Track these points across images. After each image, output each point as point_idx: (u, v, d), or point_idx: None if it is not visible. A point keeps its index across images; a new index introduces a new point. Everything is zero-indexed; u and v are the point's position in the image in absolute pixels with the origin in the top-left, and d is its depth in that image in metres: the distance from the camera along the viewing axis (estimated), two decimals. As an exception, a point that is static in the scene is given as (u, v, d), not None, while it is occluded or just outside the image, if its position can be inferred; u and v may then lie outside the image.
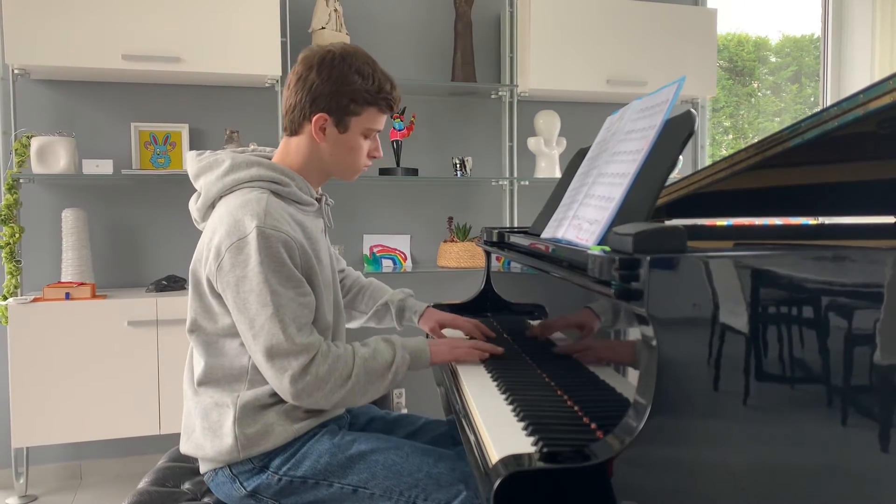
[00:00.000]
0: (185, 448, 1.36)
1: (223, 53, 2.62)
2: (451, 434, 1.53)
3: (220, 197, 1.35)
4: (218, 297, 1.29)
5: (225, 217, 1.27)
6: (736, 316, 0.87)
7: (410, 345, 1.35)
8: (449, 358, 1.40)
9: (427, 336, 1.64)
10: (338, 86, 1.34)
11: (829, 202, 1.61)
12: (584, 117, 3.38)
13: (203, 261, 1.30)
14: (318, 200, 1.46)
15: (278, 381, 1.24)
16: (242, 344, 1.30)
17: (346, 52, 1.37)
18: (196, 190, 1.41)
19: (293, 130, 1.40)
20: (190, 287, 1.35)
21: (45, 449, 2.75)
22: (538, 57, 3.00)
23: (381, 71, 1.39)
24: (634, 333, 0.90)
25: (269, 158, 1.41)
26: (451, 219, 3.14)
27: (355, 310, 1.70)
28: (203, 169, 1.38)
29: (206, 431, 1.31)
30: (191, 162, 1.41)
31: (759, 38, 3.99)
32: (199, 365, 1.35)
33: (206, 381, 1.34)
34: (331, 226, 1.52)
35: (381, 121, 1.42)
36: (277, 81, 2.80)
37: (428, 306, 1.66)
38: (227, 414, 1.29)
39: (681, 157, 1.12)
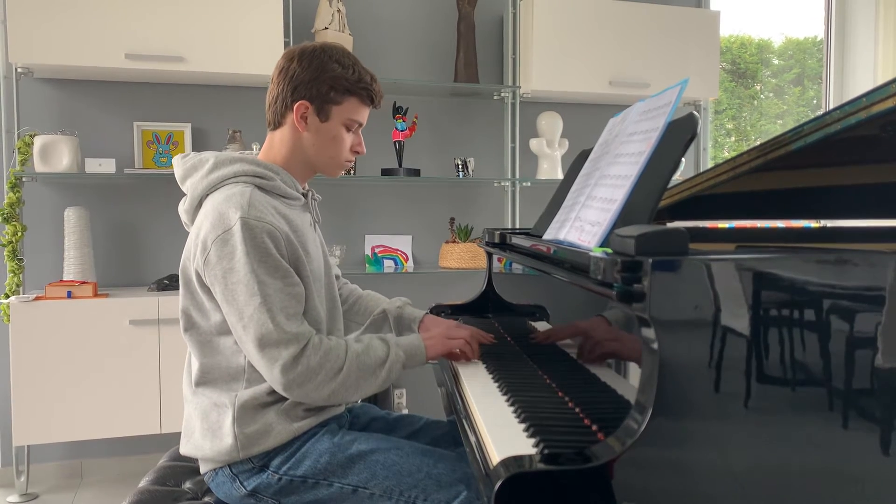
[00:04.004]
0: (185, 449, 1.37)
1: (226, 53, 2.63)
2: (451, 434, 1.53)
3: (206, 195, 1.35)
4: (208, 291, 1.29)
5: (210, 212, 1.28)
6: (737, 318, 0.87)
7: (404, 342, 1.35)
8: (444, 351, 1.39)
9: None
10: (318, 73, 1.37)
11: (832, 205, 1.61)
12: (586, 119, 3.38)
13: (191, 257, 1.30)
14: (305, 196, 1.46)
15: (269, 372, 1.24)
16: (237, 342, 1.30)
17: (326, 45, 1.41)
18: (184, 194, 1.41)
19: (276, 123, 1.42)
20: (181, 286, 1.35)
21: (46, 447, 2.75)
22: (541, 58, 3.00)
23: (362, 65, 1.43)
24: (636, 335, 0.90)
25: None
26: (452, 219, 3.14)
27: (351, 321, 1.68)
28: (189, 171, 1.39)
29: (206, 432, 1.31)
30: (177, 165, 1.42)
31: (761, 40, 3.99)
32: (195, 365, 1.35)
33: (204, 381, 1.34)
34: (318, 220, 1.52)
35: (363, 113, 1.44)
36: (280, 81, 2.80)
37: (426, 313, 1.65)
38: (226, 414, 1.30)
39: (683, 159, 1.12)
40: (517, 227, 3.17)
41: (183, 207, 1.40)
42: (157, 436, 2.67)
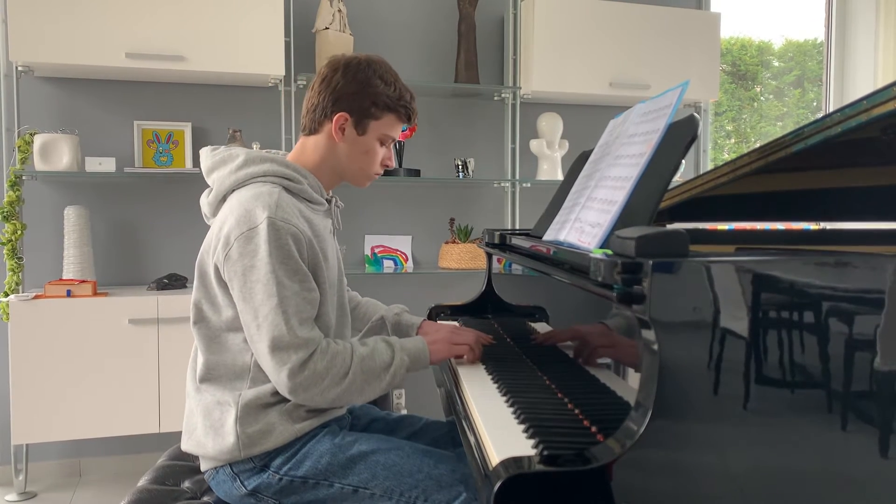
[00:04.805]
0: (187, 446, 1.37)
1: (227, 53, 2.63)
2: (451, 435, 1.53)
3: (232, 190, 1.36)
4: (223, 286, 1.30)
5: (236, 207, 1.29)
6: (737, 320, 0.87)
7: (409, 346, 1.35)
8: (448, 355, 1.40)
9: None
10: (361, 87, 1.38)
11: (831, 207, 1.61)
12: (586, 120, 3.38)
13: (211, 250, 1.31)
14: (329, 202, 1.47)
15: (276, 374, 1.24)
16: (245, 340, 1.30)
17: (371, 59, 1.42)
18: (208, 186, 1.42)
19: (312, 129, 1.43)
20: (195, 278, 1.35)
21: (45, 446, 2.75)
22: (541, 59, 3.00)
23: (402, 82, 1.44)
24: (636, 337, 0.90)
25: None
26: (452, 220, 3.15)
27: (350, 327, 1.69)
28: (217, 164, 1.39)
29: (208, 430, 1.31)
30: (205, 157, 1.42)
31: (762, 42, 3.99)
32: (201, 361, 1.36)
33: (208, 377, 1.34)
34: (339, 227, 1.53)
35: (398, 129, 1.46)
36: (281, 81, 2.81)
37: (424, 319, 1.66)
38: (229, 412, 1.30)
39: (683, 161, 1.12)
40: (517, 227, 3.17)
41: (206, 199, 1.41)
42: (156, 435, 2.67)
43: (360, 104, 1.38)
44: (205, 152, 1.43)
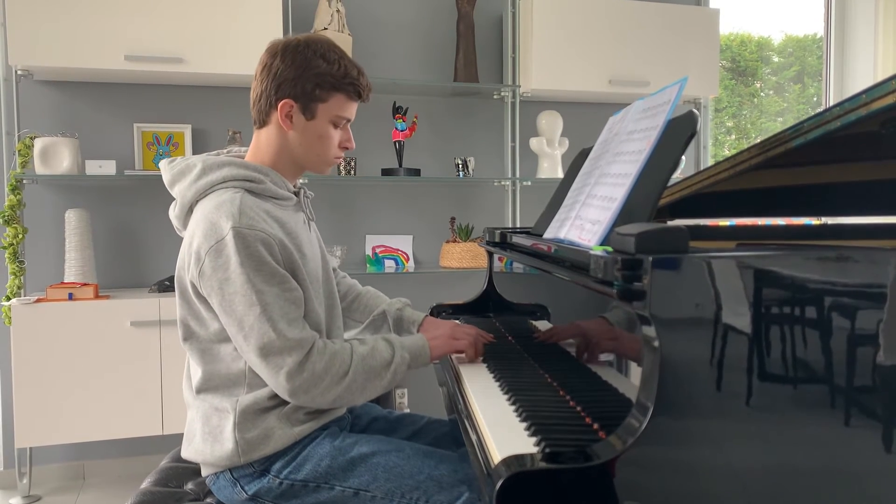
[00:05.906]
0: (187, 453, 1.36)
1: (226, 54, 2.63)
2: (453, 434, 1.53)
3: (197, 201, 1.33)
4: (204, 301, 1.28)
5: (201, 221, 1.26)
6: (738, 316, 0.87)
7: (409, 343, 1.34)
8: (448, 350, 1.39)
9: None
10: (302, 70, 1.33)
11: (832, 202, 1.61)
12: (586, 117, 3.38)
13: (186, 267, 1.28)
14: (297, 194, 1.43)
15: (274, 379, 1.23)
16: (238, 350, 1.29)
17: (310, 39, 1.36)
18: (174, 199, 1.39)
19: (262, 121, 1.38)
20: (177, 295, 1.33)
21: (49, 449, 2.76)
22: (540, 57, 3.00)
23: (349, 58, 1.38)
24: (637, 334, 0.89)
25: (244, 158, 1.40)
26: (453, 219, 3.14)
27: (350, 318, 1.67)
28: (176, 176, 1.36)
29: (207, 436, 1.31)
30: (164, 171, 1.39)
31: (761, 38, 3.98)
32: (196, 373, 1.35)
33: (205, 387, 1.33)
34: (312, 218, 1.49)
35: (351, 109, 1.40)
36: (280, 82, 2.80)
37: (426, 315, 1.64)
38: (227, 418, 1.29)
39: (683, 157, 1.12)
40: (517, 226, 3.17)
41: (174, 213, 1.38)
42: (159, 437, 2.68)
43: (303, 88, 1.33)
44: (163, 165, 1.39)
